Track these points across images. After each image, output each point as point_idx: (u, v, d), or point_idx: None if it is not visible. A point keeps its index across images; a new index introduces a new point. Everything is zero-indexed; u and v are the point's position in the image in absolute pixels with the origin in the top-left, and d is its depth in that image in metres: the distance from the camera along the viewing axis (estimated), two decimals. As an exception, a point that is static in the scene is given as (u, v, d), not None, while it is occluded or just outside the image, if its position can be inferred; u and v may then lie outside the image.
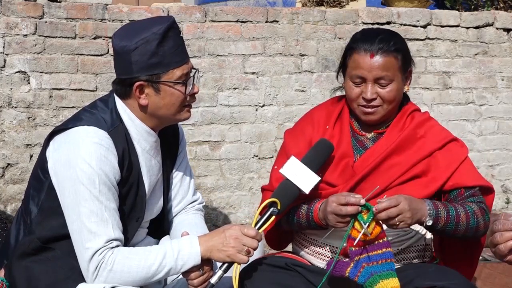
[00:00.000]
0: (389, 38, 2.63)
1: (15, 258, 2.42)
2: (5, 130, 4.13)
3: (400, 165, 2.58)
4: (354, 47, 2.60)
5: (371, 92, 2.57)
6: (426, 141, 2.63)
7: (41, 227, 2.41)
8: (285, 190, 2.50)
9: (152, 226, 2.66)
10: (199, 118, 4.47)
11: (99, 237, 2.29)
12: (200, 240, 2.39)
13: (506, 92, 4.92)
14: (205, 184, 4.49)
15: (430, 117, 2.75)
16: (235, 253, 2.36)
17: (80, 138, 2.34)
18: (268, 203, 2.47)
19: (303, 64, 4.62)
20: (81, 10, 4.24)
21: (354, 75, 2.58)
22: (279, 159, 2.77)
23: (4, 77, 4.12)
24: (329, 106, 2.78)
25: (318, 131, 2.68)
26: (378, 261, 2.36)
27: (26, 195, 2.51)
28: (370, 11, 4.76)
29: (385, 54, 2.57)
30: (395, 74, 2.59)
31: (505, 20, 4.91)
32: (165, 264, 2.34)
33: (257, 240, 2.38)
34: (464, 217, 2.48)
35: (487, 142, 4.90)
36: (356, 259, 2.37)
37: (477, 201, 2.57)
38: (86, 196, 2.29)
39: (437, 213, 2.44)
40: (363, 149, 2.65)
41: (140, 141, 2.48)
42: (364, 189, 2.56)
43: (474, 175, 2.63)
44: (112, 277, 2.30)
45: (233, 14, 4.52)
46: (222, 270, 2.39)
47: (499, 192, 4.90)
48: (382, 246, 2.37)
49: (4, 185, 4.13)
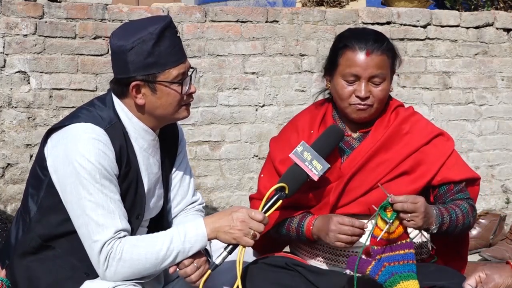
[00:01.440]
0: (382, 37, 2.64)
1: (16, 257, 2.43)
2: (5, 130, 4.13)
3: (388, 162, 2.59)
4: (348, 45, 2.59)
5: (365, 90, 2.56)
6: (412, 136, 2.64)
7: (41, 224, 2.42)
8: (293, 175, 2.50)
9: (151, 226, 2.66)
10: (199, 118, 4.47)
11: (107, 229, 2.30)
12: (206, 221, 2.40)
13: (506, 92, 4.92)
14: (205, 184, 4.49)
15: (415, 112, 2.75)
16: (241, 236, 2.37)
17: (78, 135, 2.34)
18: (276, 188, 2.46)
19: (303, 64, 4.63)
20: (81, 10, 4.25)
21: (348, 73, 2.57)
22: (265, 168, 2.78)
23: (4, 77, 4.12)
24: (312, 111, 2.78)
25: (303, 136, 2.68)
26: (400, 262, 2.35)
27: (25, 194, 2.51)
28: (370, 11, 4.76)
29: (380, 53, 2.57)
30: (387, 73, 2.61)
31: (505, 20, 4.91)
32: (173, 248, 2.35)
33: (263, 224, 2.38)
34: (461, 219, 2.53)
35: (487, 142, 4.90)
36: (378, 257, 2.35)
37: (465, 198, 2.60)
38: (91, 190, 2.30)
39: (442, 220, 2.47)
40: (350, 150, 2.65)
41: (138, 139, 2.48)
42: (353, 188, 2.57)
43: (461, 168, 2.65)
44: (122, 265, 2.31)
45: (233, 14, 4.52)
46: (227, 251, 2.40)
47: (499, 192, 4.91)
48: (404, 247, 2.37)
49: (4, 185, 4.13)
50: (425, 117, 2.79)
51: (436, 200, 2.63)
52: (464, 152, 4.80)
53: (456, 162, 2.64)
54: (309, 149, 2.50)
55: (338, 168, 2.61)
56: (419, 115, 2.75)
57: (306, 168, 2.48)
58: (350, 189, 2.58)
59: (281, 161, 2.66)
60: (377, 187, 2.56)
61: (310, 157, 2.49)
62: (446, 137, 2.71)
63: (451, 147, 2.67)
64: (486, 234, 4.40)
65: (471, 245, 4.25)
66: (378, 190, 2.55)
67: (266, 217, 2.40)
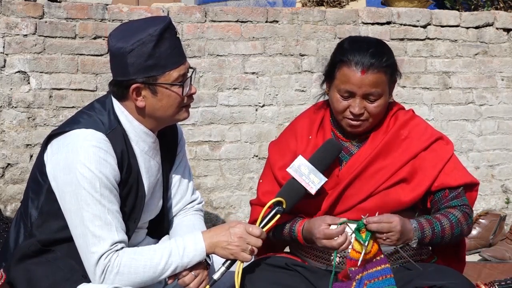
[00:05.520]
0: (380, 52, 2.55)
1: (15, 260, 2.41)
2: (5, 130, 4.13)
3: (386, 169, 2.57)
4: (344, 60, 2.53)
5: (359, 107, 2.53)
6: (411, 142, 2.61)
7: (42, 230, 2.41)
8: (291, 190, 2.51)
9: (151, 226, 2.66)
10: (199, 118, 4.47)
11: (104, 241, 2.29)
12: (204, 236, 2.40)
13: (506, 92, 4.91)
14: (205, 184, 4.49)
15: (414, 115, 2.72)
16: (239, 251, 2.38)
17: (78, 142, 2.32)
18: (274, 202, 2.47)
19: (303, 64, 4.62)
20: (81, 10, 4.24)
21: (343, 89, 2.53)
22: (264, 173, 2.77)
23: (4, 77, 4.12)
24: (311, 115, 2.76)
25: (302, 142, 2.67)
26: (379, 278, 2.39)
27: (25, 197, 2.50)
28: (370, 11, 4.75)
29: (377, 71, 2.51)
30: (384, 89, 2.55)
31: (505, 20, 4.91)
32: (171, 262, 2.35)
33: (261, 240, 2.39)
34: (449, 229, 2.50)
35: (487, 142, 4.90)
36: (358, 278, 2.39)
37: (460, 204, 2.57)
38: (89, 201, 2.29)
39: (422, 234, 2.46)
40: (348, 156, 2.63)
41: (139, 142, 2.47)
42: (350, 195, 2.56)
43: (459, 173, 2.62)
44: (120, 279, 2.31)
45: (233, 14, 4.52)
46: (225, 266, 2.40)
47: (499, 192, 4.90)
48: (380, 263, 2.41)
49: (4, 185, 4.13)
50: (424, 120, 2.76)
51: (432, 206, 2.62)
52: (464, 152, 4.80)
53: (454, 167, 2.62)
54: (307, 163, 2.51)
55: (336, 175, 2.60)
56: (418, 118, 2.73)
57: (304, 182, 2.49)
58: (348, 196, 2.57)
59: (280, 168, 2.65)
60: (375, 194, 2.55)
61: (307, 171, 2.49)
62: (446, 141, 2.68)
63: (450, 151, 2.64)
64: (486, 234, 4.40)
65: (471, 245, 4.27)
66: (376, 197, 2.55)
67: (263, 232, 2.41)
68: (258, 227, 2.42)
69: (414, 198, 2.56)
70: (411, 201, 2.55)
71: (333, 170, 2.59)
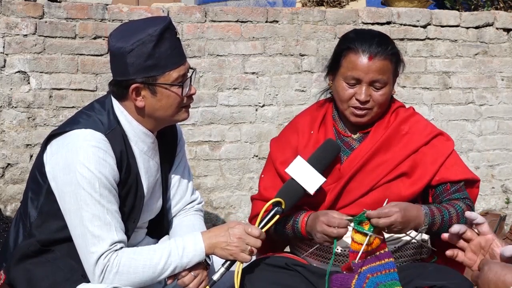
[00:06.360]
0: (386, 41, 2.61)
1: (15, 260, 2.41)
2: (5, 130, 4.13)
3: (387, 163, 2.59)
4: (351, 47, 2.57)
5: (365, 94, 2.56)
6: (411, 137, 2.64)
7: (41, 230, 2.41)
8: (290, 190, 2.51)
9: (151, 226, 2.66)
10: (199, 118, 4.47)
11: (103, 241, 2.29)
12: (203, 236, 2.40)
13: (506, 92, 4.91)
14: (205, 184, 4.49)
15: (415, 112, 2.75)
16: (238, 252, 2.38)
17: (78, 142, 2.33)
18: (273, 203, 2.47)
19: (303, 64, 4.62)
20: (81, 10, 4.25)
21: (349, 76, 2.57)
22: (266, 168, 2.78)
23: (4, 77, 4.12)
24: (313, 112, 2.78)
25: (303, 137, 2.69)
26: (382, 271, 2.38)
27: (25, 197, 2.50)
28: (370, 11, 4.76)
29: (383, 58, 2.56)
30: (389, 77, 2.59)
31: (505, 20, 4.91)
32: (171, 262, 2.35)
33: (260, 240, 2.40)
34: (456, 218, 2.51)
35: (487, 142, 4.90)
36: (360, 270, 2.38)
37: (463, 197, 2.59)
38: (88, 201, 2.29)
39: (432, 220, 2.47)
40: (350, 150, 2.65)
41: (138, 142, 2.47)
42: (352, 189, 2.58)
43: (460, 168, 2.64)
44: (119, 279, 2.32)
45: (233, 14, 4.52)
46: (225, 267, 2.41)
47: (499, 192, 4.91)
48: (384, 257, 2.39)
49: (4, 185, 4.13)
50: (425, 118, 2.79)
51: (434, 200, 2.63)
52: (464, 152, 4.80)
53: (455, 163, 2.64)
54: (305, 163, 2.51)
55: (338, 169, 2.61)
56: (419, 115, 2.75)
57: (302, 183, 2.50)
58: (349, 190, 2.58)
59: (282, 163, 2.66)
60: (376, 187, 2.56)
61: (306, 171, 2.50)
62: (446, 137, 2.71)
63: (451, 147, 2.67)
64: (486, 234, 4.40)
65: (471, 245, 4.26)
66: (377, 191, 2.56)
67: (263, 232, 2.41)
68: (257, 227, 2.42)
69: (415, 192, 2.57)
70: (412, 195, 2.56)
71: (334, 165, 2.60)
